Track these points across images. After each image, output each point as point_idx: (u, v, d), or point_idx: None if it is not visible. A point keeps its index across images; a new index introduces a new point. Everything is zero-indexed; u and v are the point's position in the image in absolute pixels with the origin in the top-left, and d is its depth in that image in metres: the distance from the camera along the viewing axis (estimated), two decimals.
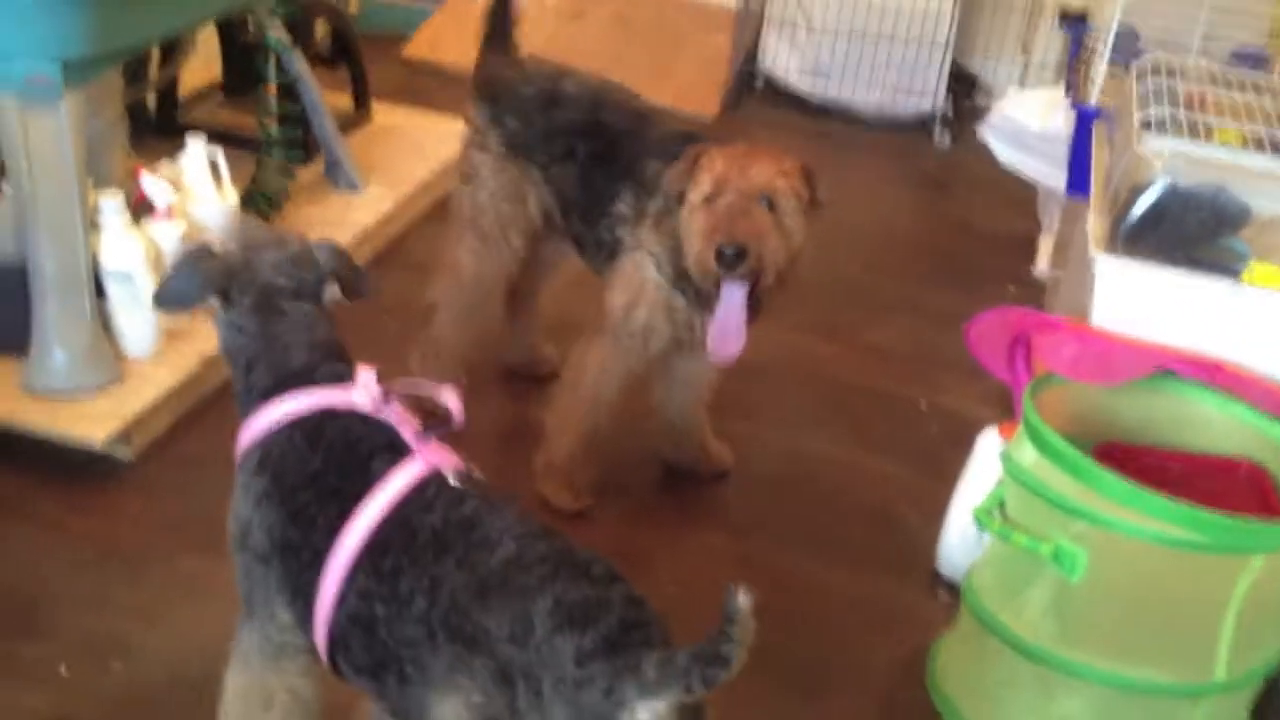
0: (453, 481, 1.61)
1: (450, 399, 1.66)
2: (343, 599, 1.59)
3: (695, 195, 2.30)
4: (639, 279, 2.46)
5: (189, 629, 2.22)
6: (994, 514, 2.16)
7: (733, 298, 2.29)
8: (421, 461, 1.62)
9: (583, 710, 1.40)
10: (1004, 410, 2.98)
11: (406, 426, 1.66)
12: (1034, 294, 3.63)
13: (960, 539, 2.51)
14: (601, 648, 1.41)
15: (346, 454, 1.63)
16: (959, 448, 2.66)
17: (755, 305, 2.33)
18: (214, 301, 1.71)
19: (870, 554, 2.66)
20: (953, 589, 2.52)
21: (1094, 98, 2.85)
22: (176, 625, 2.24)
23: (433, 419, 1.68)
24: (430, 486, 1.60)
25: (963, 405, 3.15)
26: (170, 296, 1.72)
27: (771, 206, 2.27)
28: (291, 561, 1.64)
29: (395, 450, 1.63)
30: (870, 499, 2.82)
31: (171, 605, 2.28)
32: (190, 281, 1.70)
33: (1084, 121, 2.84)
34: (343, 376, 1.70)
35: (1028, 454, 2.10)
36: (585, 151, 2.55)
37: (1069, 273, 3.05)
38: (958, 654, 2.33)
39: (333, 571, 1.59)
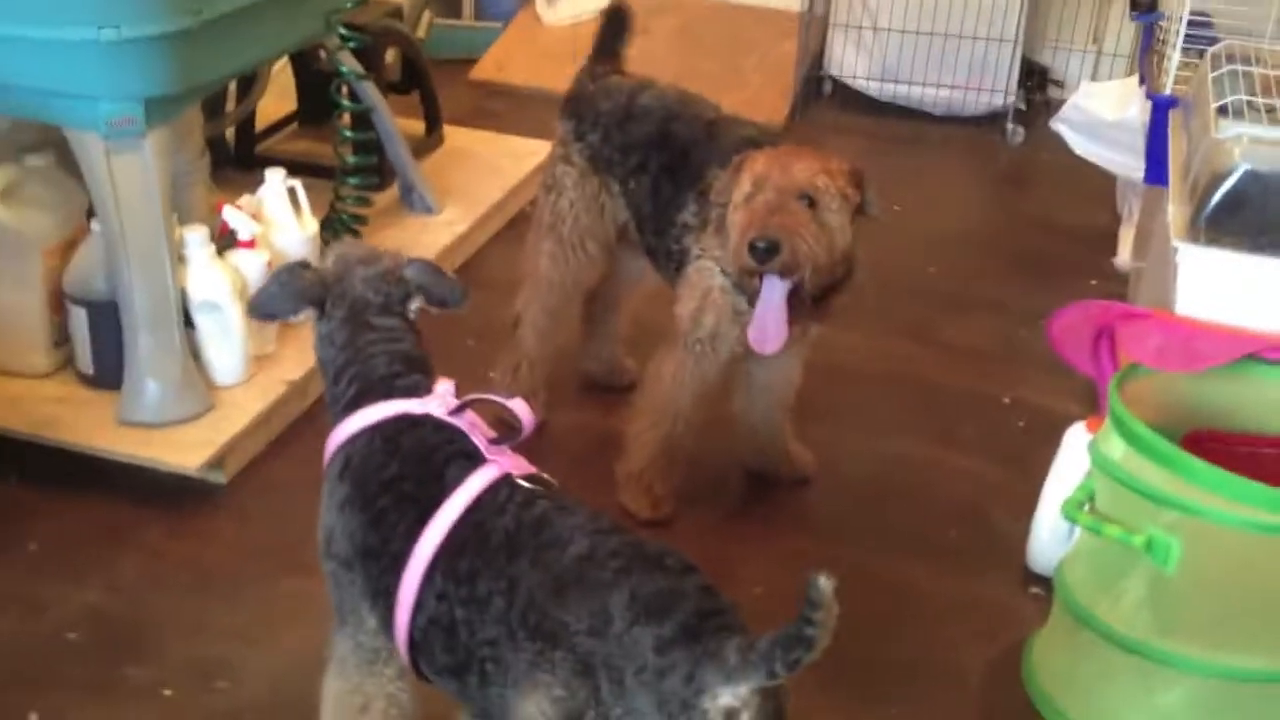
0: (524, 484, 1.64)
1: (520, 409, 1.70)
2: (421, 603, 1.62)
3: (738, 195, 2.32)
4: (704, 286, 2.47)
5: (289, 648, 2.27)
6: (1084, 507, 2.14)
7: (771, 293, 2.31)
8: (494, 467, 1.66)
9: (665, 698, 1.42)
10: (1090, 405, 2.95)
11: (479, 434, 1.71)
12: (1116, 286, 3.58)
13: (1050, 534, 2.49)
14: (680, 636, 1.43)
15: (423, 461, 1.68)
16: (1045, 444, 2.63)
17: (800, 303, 2.34)
18: (309, 313, 1.78)
19: (960, 553, 2.64)
20: (1045, 585, 2.50)
21: (1169, 87, 2.81)
22: (277, 645, 2.28)
23: (506, 429, 1.72)
24: (503, 490, 1.64)
25: (1048, 401, 3.12)
26: (264, 306, 1.80)
27: (812, 204, 2.27)
28: (372, 566, 1.69)
29: (469, 457, 1.68)
30: (958, 498, 2.80)
31: (271, 626, 2.32)
32: (285, 293, 1.77)
33: (1160, 111, 2.80)
34: (420, 387, 1.76)
35: (1116, 446, 2.08)
36: (657, 164, 2.58)
37: (1150, 263, 3.01)
38: (1053, 650, 2.30)
39: (410, 576, 1.63)
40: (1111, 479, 2.07)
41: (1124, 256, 3.70)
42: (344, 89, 3.27)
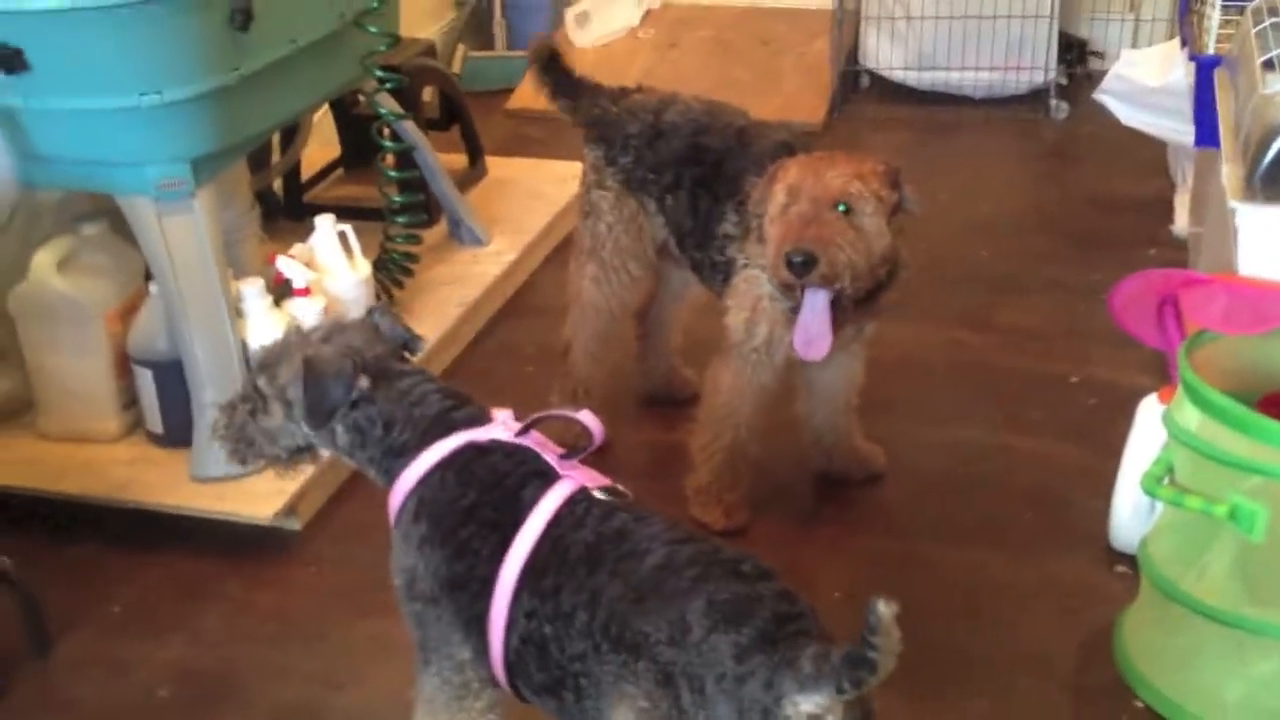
0: (600, 496, 1.66)
1: (588, 420, 1.71)
2: (512, 622, 1.64)
3: (773, 207, 2.31)
4: (753, 295, 2.47)
5: (374, 690, 2.28)
6: (1163, 481, 2.10)
7: (814, 303, 2.30)
8: (568, 482, 1.67)
9: (746, 705, 1.43)
10: (1160, 376, 2.90)
11: (548, 451, 1.72)
12: (1175, 254, 3.52)
13: (1131, 511, 2.44)
14: (758, 642, 1.44)
15: (497, 486, 1.70)
16: (1117, 420, 2.59)
17: (843, 308, 2.32)
18: (362, 382, 1.77)
19: (1039, 538, 2.60)
20: (1129, 562, 2.45)
21: (1211, 46, 2.76)
22: (361, 687, 2.29)
23: (574, 447, 1.73)
24: (579, 504, 1.65)
25: (1116, 376, 3.07)
26: (328, 404, 1.77)
27: (848, 211, 2.25)
28: (461, 596, 1.70)
29: (543, 476, 1.70)
30: (1032, 482, 2.76)
31: (353, 669, 2.34)
32: (330, 381, 1.76)
33: (1204, 71, 2.76)
34: (478, 417, 1.78)
35: (1191, 415, 2.05)
36: (690, 178, 2.58)
37: (1209, 227, 2.96)
38: (1143, 627, 2.26)
39: (499, 598, 1.65)
40: (1189, 449, 2.03)
41: (1181, 223, 3.64)
42: (385, 130, 3.30)
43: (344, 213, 3.19)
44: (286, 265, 2.89)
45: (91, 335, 2.74)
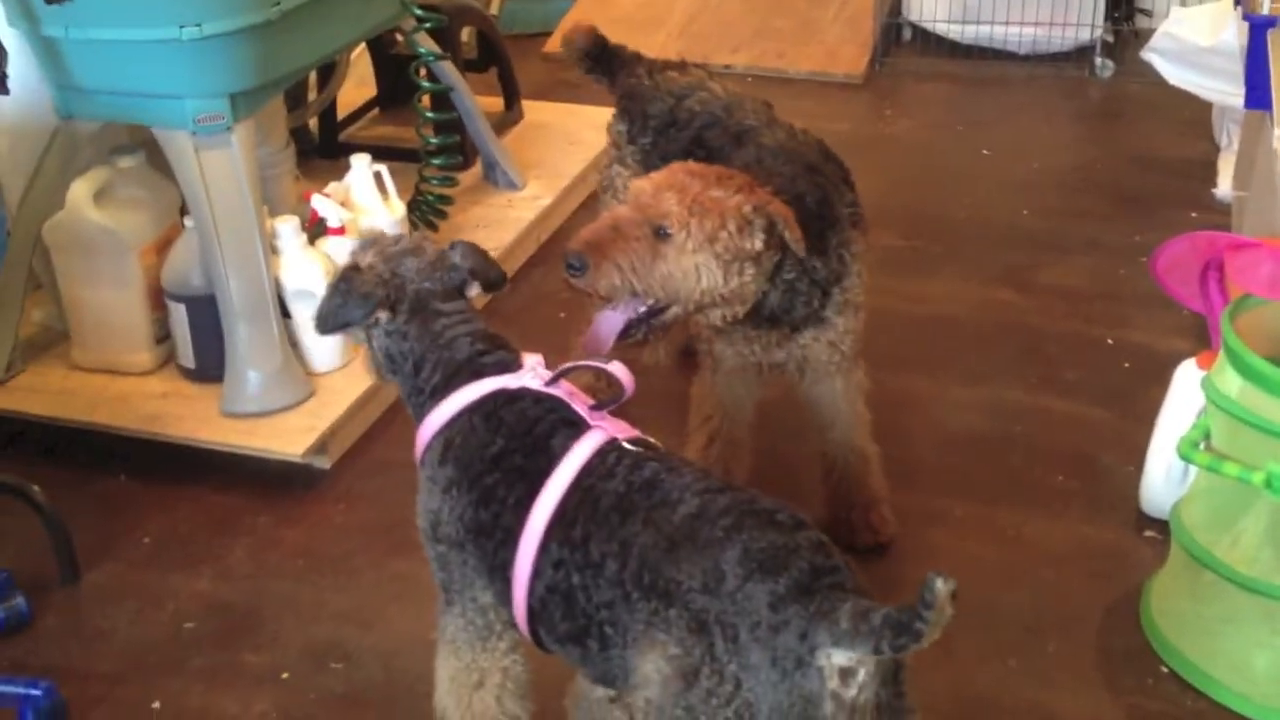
0: (629, 447, 1.64)
1: (618, 370, 1.69)
2: (538, 572, 1.63)
3: (624, 196, 2.17)
4: None
5: (402, 628, 2.29)
6: (1200, 446, 2.08)
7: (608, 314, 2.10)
8: (599, 433, 1.66)
9: (780, 654, 1.42)
10: (1197, 341, 2.86)
11: (579, 401, 1.71)
12: (1218, 218, 3.47)
13: (1164, 475, 2.42)
14: (794, 592, 1.43)
15: (526, 433, 1.69)
16: (1153, 384, 2.57)
17: (637, 324, 2.08)
18: (381, 315, 1.77)
19: (1071, 499, 2.59)
20: (1160, 528, 2.44)
21: (1266, 6, 2.71)
22: (390, 625, 2.31)
23: (603, 396, 1.73)
24: (610, 455, 1.64)
25: (1153, 340, 3.04)
26: (337, 320, 1.79)
27: (666, 237, 2.01)
28: (486, 543, 1.70)
29: (572, 425, 1.68)
30: (1066, 443, 2.74)
31: (383, 607, 2.35)
32: (353, 301, 1.76)
33: (1258, 32, 2.71)
34: (509, 363, 1.76)
35: (1232, 381, 2.02)
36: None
37: (1255, 191, 2.91)
38: (1172, 593, 2.25)
39: (526, 546, 1.64)
40: (1228, 415, 2.01)
41: (1225, 186, 3.58)
42: (423, 70, 3.27)
43: (379, 153, 3.17)
44: (322, 204, 2.88)
45: (126, 268, 2.75)
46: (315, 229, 2.87)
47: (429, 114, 3.30)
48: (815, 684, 1.42)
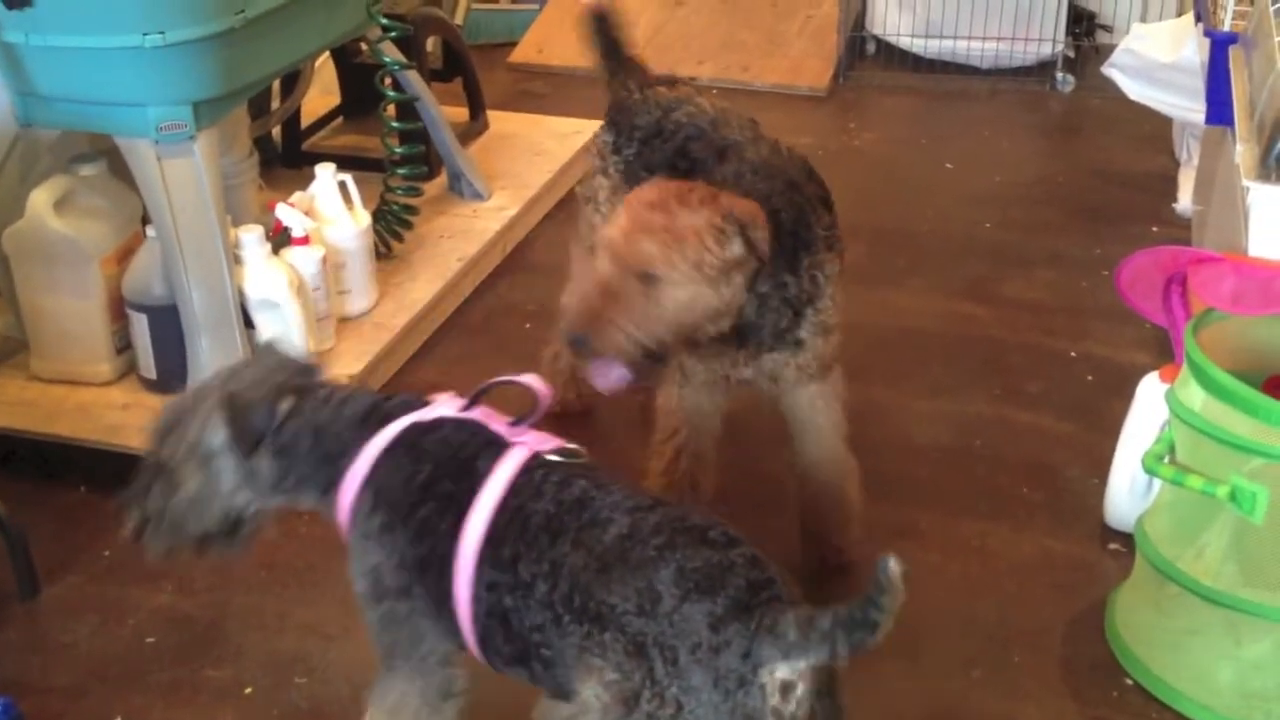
0: (556, 459, 1.63)
1: (532, 382, 1.69)
2: (477, 596, 1.61)
3: (590, 237, 2.14)
4: None
5: (367, 640, 2.27)
6: (1164, 459, 2.10)
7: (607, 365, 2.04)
8: (521, 449, 1.65)
9: (722, 674, 1.41)
10: (1159, 354, 2.89)
11: (496, 421, 1.69)
12: (1177, 232, 3.51)
13: (1129, 488, 2.44)
14: (733, 611, 1.43)
15: (451, 458, 1.66)
16: (1116, 396, 2.59)
17: (644, 361, 2.03)
18: (283, 405, 1.70)
19: (1035, 511, 2.60)
20: (1124, 540, 2.46)
21: (1227, 23, 2.74)
22: (355, 638, 2.28)
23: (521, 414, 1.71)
24: (537, 472, 1.63)
25: (1115, 353, 3.07)
26: (253, 434, 1.69)
27: (653, 280, 1.98)
28: (430, 576, 1.66)
29: (495, 445, 1.67)
30: (1030, 456, 2.76)
31: (348, 619, 2.32)
32: (258, 410, 1.69)
33: (1219, 49, 2.74)
34: (415, 402, 1.74)
35: (1195, 395, 2.04)
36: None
37: (1215, 206, 2.94)
38: (1136, 605, 2.27)
39: (461, 572, 1.62)
40: (1192, 429, 2.03)
41: (1185, 201, 3.63)
42: (388, 80, 3.26)
43: (343, 162, 3.15)
44: (286, 213, 2.86)
45: (87, 277, 2.71)
46: (279, 239, 2.85)
47: (394, 123, 3.28)
48: (758, 701, 1.42)
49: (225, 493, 1.71)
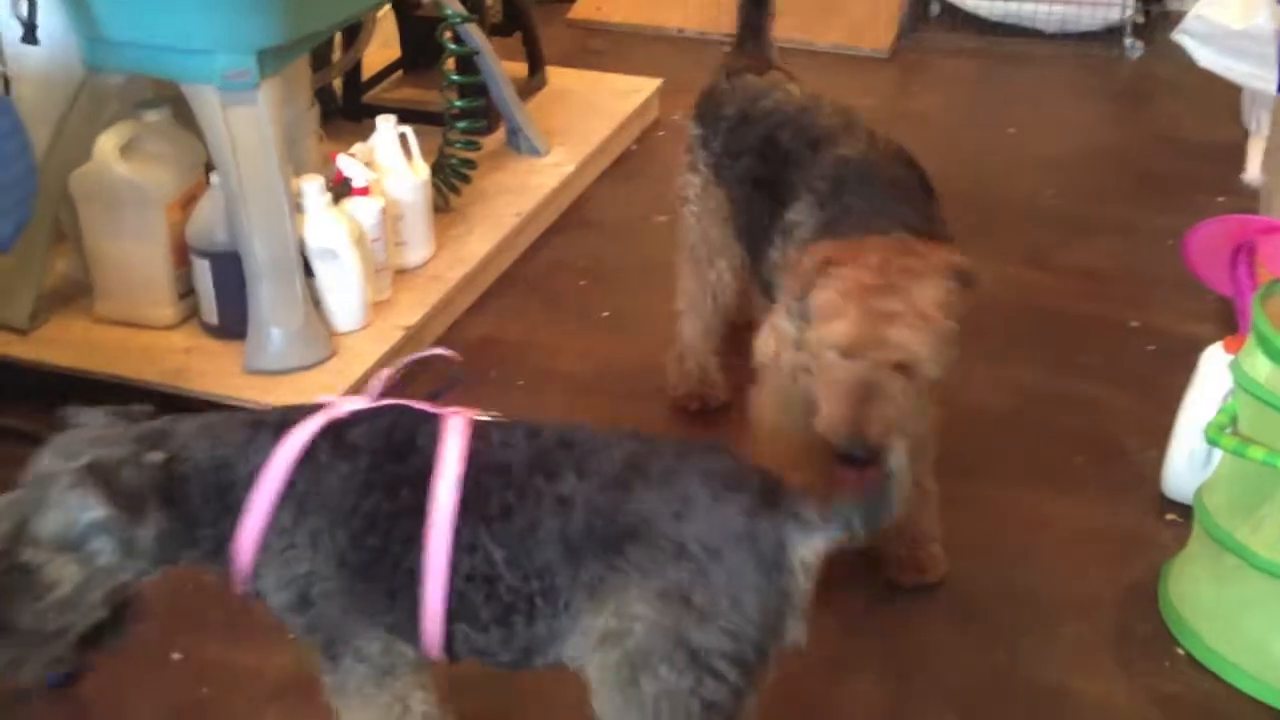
0: (501, 419, 1.64)
1: (441, 350, 1.73)
2: (454, 564, 1.57)
3: (826, 335, 1.90)
4: (779, 340, 2.16)
5: None
6: (1227, 430, 2.07)
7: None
8: (457, 417, 1.62)
9: (761, 560, 1.51)
10: (1221, 326, 2.85)
11: (415, 401, 1.66)
12: (1245, 202, 3.45)
13: (1187, 459, 2.42)
14: (761, 502, 1.53)
15: (385, 443, 1.60)
16: (1176, 368, 2.56)
17: None
18: (155, 458, 1.57)
19: (1092, 482, 2.58)
20: (1181, 511, 2.43)
21: None
22: None
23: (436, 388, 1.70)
24: (491, 430, 1.62)
25: (1177, 324, 3.03)
26: (134, 496, 1.54)
27: (908, 369, 1.89)
28: (381, 569, 1.59)
29: (429, 419, 1.62)
30: (1088, 426, 2.73)
31: None
32: (128, 472, 1.54)
33: None
34: (311, 408, 1.64)
35: (1261, 365, 2.01)
36: (755, 175, 2.31)
37: None
38: (1190, 577, 2.25)
39: (435, 544, 1.56)
40: (1256, 399, 2.00)
41: (1253, 171, 3.56)
42: (448, 33, 3.26)
43: (402, 115, 3.15)
44: (347, 164, 2.87)
45: (152, 222, 2.75)
46: (340, 189, 2.86)
47: (454, 77, 3.29)
48: (791, 580, 1.52)
49: (106, 574, 1.55)
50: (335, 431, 1.61)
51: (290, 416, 1.63)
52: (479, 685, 1.95)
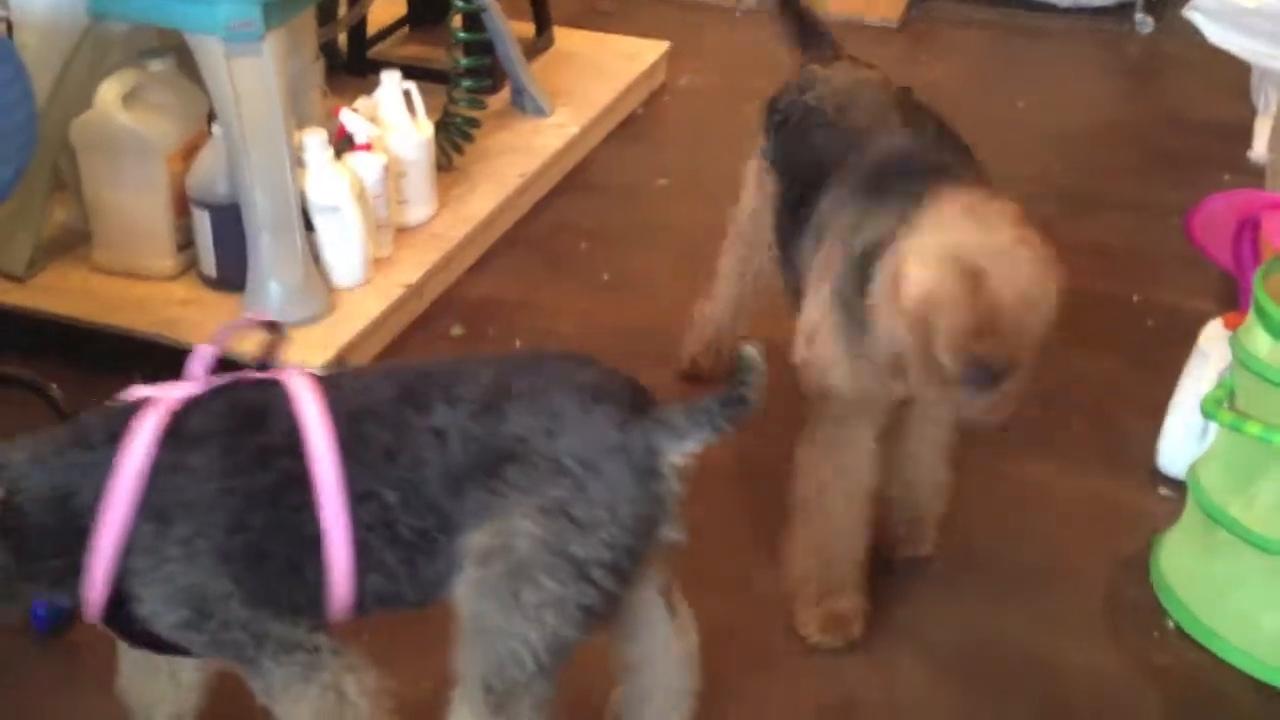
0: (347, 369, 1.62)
1: (262, 316, 1.73)
2: (355, 517, 1.54)
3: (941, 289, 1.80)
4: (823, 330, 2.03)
5: None
6: (1224, 405, 2.07)
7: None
8: (294, 374, 1.58)
9: (635, 470, 1.54)
10: (1224, 303, 2.84)
11: (244, 373, 1.61)
12: (1251, 180, 3.43)
13: (1182, 434, 2.42)
14: (630, 411, 1.55)
15: (233, 421, 1.55)
16: (1176, 343, 2.55)
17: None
18: None
19: (1087, 454, 2.58)
20: (1175, 486, 2.44)
21: None
22: None
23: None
24: (343, 380, 1.61)
25: (1178, 299, 3.02)
26: None
27: None
28: (274, 543, 1.54)
29: (267, 384, 1.57)
30: (1086, 397, 2.73)
31: None
32: None
33: None
34: (137, 405, 1.55)
35: (1261, 341, 2.01)
36: (801, 164, 2.21)
37: None
38: (1182, 550, 2.25)
39: (329, 500, 1.53)
40: (1256, 375, 2.00)
41: (1260, 149, 3.55)
42: None
43: (407, 72, 3.13)
44: (350, 119, 2.86)
45: (152, 171, 2.73)
46: (342, 144, 2.85)
47: (461, 34, 3.27)
48: (664, 485, 1.56)
49: None
50: (172, 427, 1.52)
51: (115, 425, 1.52)
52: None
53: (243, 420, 1.55)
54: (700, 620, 1.84)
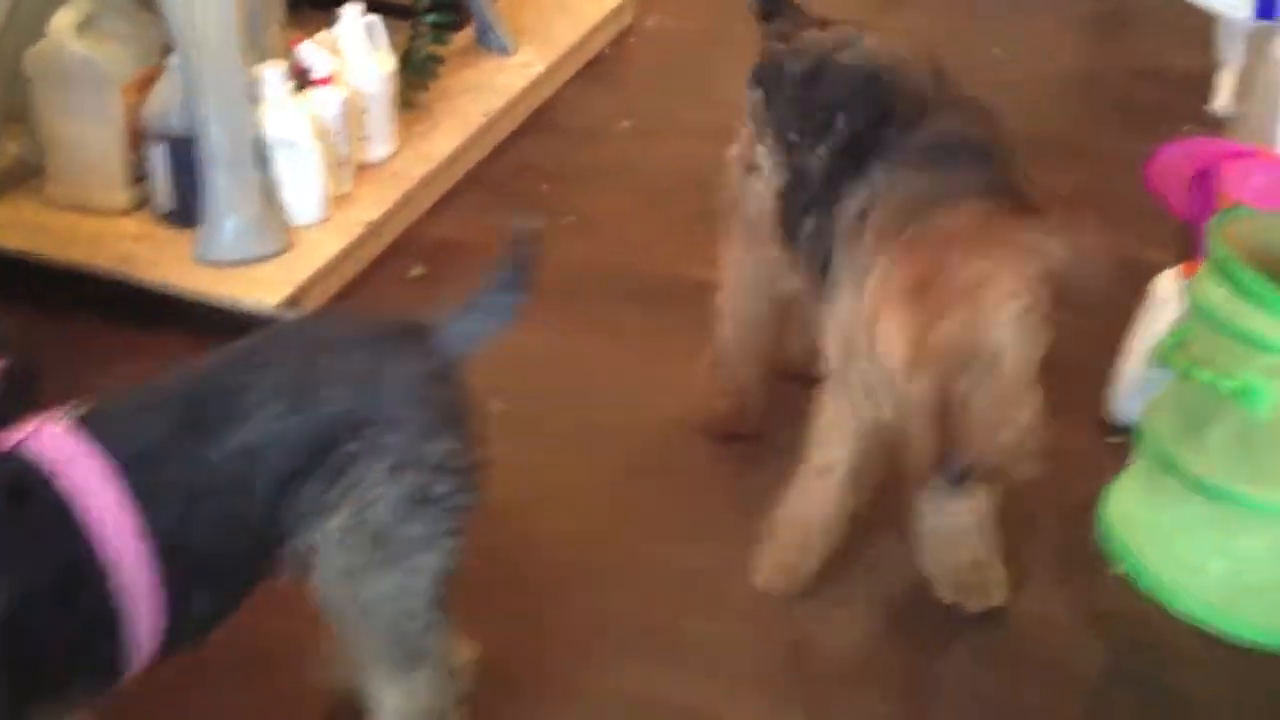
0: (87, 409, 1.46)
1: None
2: (159, 563, 1.40)
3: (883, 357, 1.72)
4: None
5: None
6: (1177, 351, 2.09)
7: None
8: (44, 428, 1.40)
9: (453, 395, 1.57)
10: (1175, 252, 2.86)
11: None
12: (1212, 131, 3.44)
13: (1135, 382, 2.44)
14: (417, 344, 1.58)
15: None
16: (1130, 292, 2.56)
17: None
18: None
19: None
20: (1124, 434, 2.46)
21: None
22: None
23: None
24: (104, 421, 1.43)
25: (1135, 249, 3.01)
26: None
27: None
28: (55, 633, 1.37)
29: (13, 455, 1.38)
30: None
31: None
32: None
33: None
34: None
35: (1215, 289, 2.02)
36: (836, 129, 2.03)
37: (1254, 104, 2.89)
38: (1131, 498, 2.28)
39: (133, 575, 1.38)
40: (1209, 322, 2.02)
41: (1221, 101, 3.56)
42: None
43: (370, 5, 3.09)
44: (310, 51, 2.82)
45: (107, 102, 2.69)
46: (300, 79, 2.81)
47: None
48: (464, 382, 1.59)
49: None
50: None
51: None
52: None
53: (12, 502, 1.33)
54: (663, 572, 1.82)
